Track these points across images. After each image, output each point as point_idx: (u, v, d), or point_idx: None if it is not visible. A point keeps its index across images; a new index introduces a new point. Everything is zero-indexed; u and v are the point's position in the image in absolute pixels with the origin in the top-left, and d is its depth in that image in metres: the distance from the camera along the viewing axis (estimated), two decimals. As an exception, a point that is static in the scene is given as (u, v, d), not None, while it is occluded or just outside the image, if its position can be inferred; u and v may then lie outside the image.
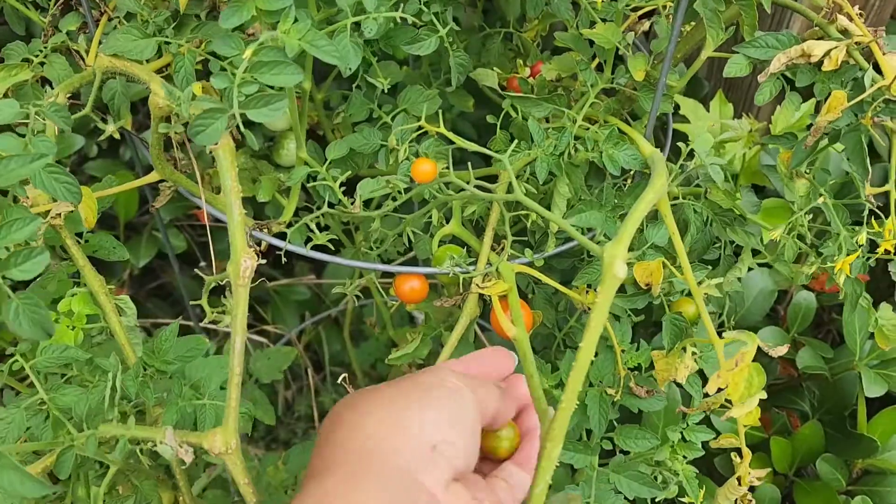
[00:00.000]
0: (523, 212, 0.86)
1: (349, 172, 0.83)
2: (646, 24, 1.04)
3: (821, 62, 0.77)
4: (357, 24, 0.70)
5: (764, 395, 0.68)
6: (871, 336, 1.13)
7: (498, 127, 0.91)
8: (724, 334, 0.73)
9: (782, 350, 0.72)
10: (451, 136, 0.77)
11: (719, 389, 0.69)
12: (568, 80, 0.98)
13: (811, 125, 0.85)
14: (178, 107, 0.66)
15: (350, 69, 0.70)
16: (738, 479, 0.73)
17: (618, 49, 0.84)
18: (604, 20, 0.86)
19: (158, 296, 1.72)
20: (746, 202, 0.99)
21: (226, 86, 0.60)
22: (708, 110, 1.31)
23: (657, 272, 0.78)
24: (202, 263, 1.56)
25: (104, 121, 0.81)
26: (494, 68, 1.01)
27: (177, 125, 0.70)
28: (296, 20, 0.61)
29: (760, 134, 1.26)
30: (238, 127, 0.60)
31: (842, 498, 1.09)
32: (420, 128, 0.81)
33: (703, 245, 0.93)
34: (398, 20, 0.70)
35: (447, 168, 0.78)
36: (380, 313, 1.21)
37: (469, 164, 0.81)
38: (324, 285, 1.71)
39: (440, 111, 0.84)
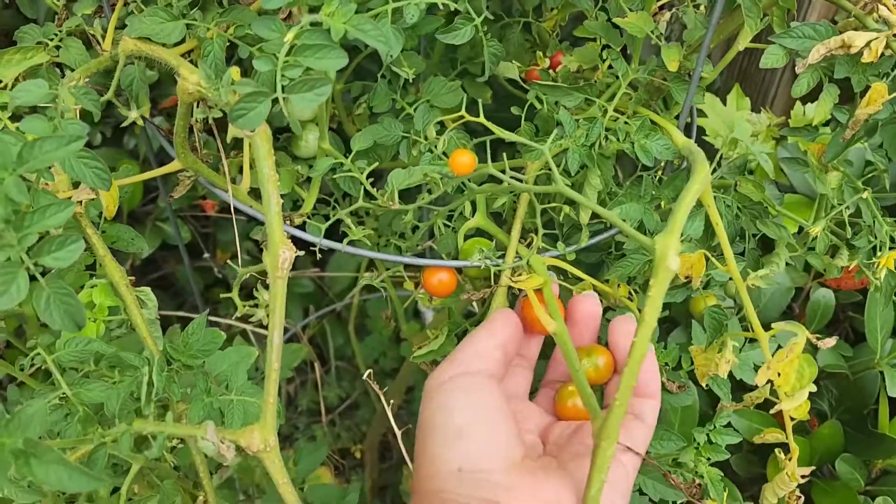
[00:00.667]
0: (553, 204, 0.84)
1: (375, 164, 0.81)
2: (666, 15, 1.03)
3: (860, 54, 0.76)
4: (396, 10, 0.67)
5: (814, 388, 0.67)
6: (894, 334, 1.12)
7: (522, 119, 0.89)
8: (772, 325, 0.71)
9: (831, 342, 0.70)
10: (489, 125, 0.75)
11: (768, 381, 0.67)
12: (589, 71, 0.96)
13: (832, 118, 0.84)
14: (216, 91, 0.63)
15: (391, 56, 0.68)
16: (788, 474, 0.72)
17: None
18: (631, 9, 0.84)
19: (160, 287, 1.69)
20: (769, 194, 0.97)
21: (269, 69, 0.58)
22: (724, 104, 1.30)
23: (698, 265, 0.76)
24: (206, 255, 1.54)
25: (123, 104, 0.78)
26: (514, 61, 0.99)
27: (214, 111, 0.67)
28: (340, 3, 0.58)
29: (779, 128, 1.25)
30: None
31: (861, 498, 1.08)
32: (447, 118, 0.79)
33: (730, 238, 0.92)
34: (439, 5, 0.68)
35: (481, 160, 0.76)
36: (393, 307, 1.19)
37: (483, 146, 0.80)
38: (326, 279, 1.69)
39: (469, 102, 0.82)
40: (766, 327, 1.08)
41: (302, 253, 0.64)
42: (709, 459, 0.91)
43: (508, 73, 0.97)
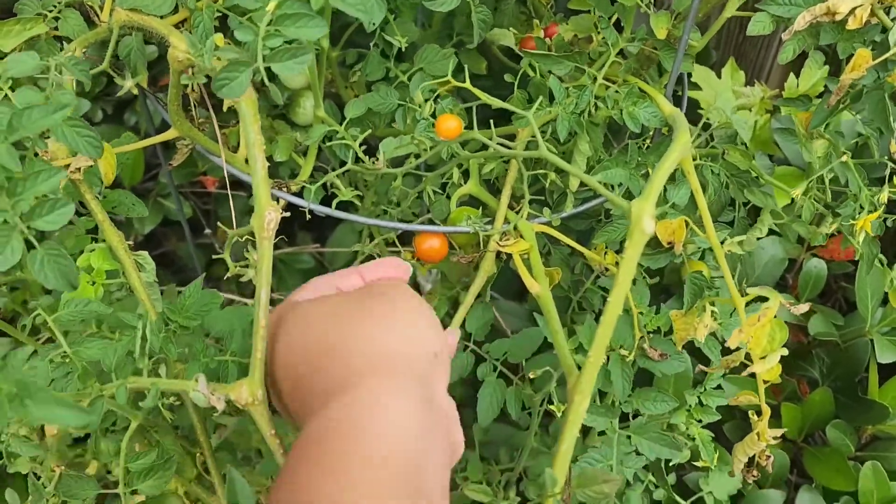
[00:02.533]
0: (541, 171, 0.85)
1: (368, 131, 0.82)
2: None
3: (845, 21, 0.77)
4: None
5: (785, 352, 0.68)
6: (884, 303, 1.13)
7: (515, 86, 0.91)
8: (746, 291, 0.73)
9: (803, 308, 0.72)
10: (476, 92, 0.76)
11: (739, 347, 0.69)
12: (583, 42, 0.97)
13: (825, 90, 0.85)
14: (200, 58, 0.65)
15: (374, 24, 0.70)
16: (758, 434, 0.73)
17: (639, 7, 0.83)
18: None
19: (162, 263, 1.70)
20: (760, 165, 0.98)
21: (249, 39, 0.59)
22: (719, 77, 1.30)
23: (680, 230, 0.77)
24: (207, 231, 1.56)
25: (120, 75, 0.80)
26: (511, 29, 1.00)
27: (199, 76, 0.69)
28: (322, -30, 0.60)
29: (773, 100, 1.26)
30: (262, 81, 0.60)
31: (851, 464, 1.10)
32: (440, 84, 0.81)
33: (719, 207, 0.93)
34: (423, -28, 0.70)
35: (467, 126, 0.78)
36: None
37: (474, 118, 0.81)
38: (326, 254, 1.70)
39: (459, 69, 0.83)
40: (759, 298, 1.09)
41: (288, 214, 0.66)
42: (700, 421, 0.93)
43: (504, 39, 0.98)
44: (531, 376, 0.87)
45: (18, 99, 0.65)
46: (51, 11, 0.83)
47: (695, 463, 0.94)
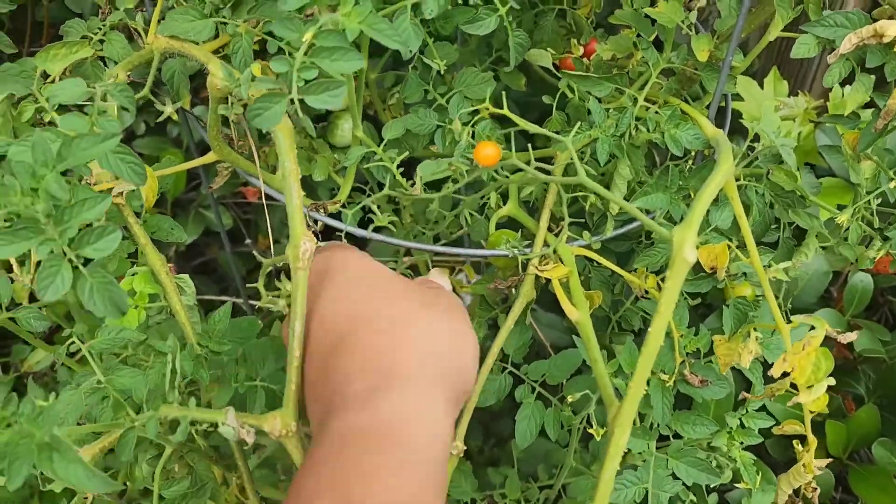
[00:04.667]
0: (581, 193, 0.85)
1: (406, 153, 0.82)
2: (702, 1, 1.02)
3: (893, 43, 0.75)
4: (416, 5, 0.68)
5: (832, 382, 0.67)
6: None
7: (554, 107, 0.90)
8: (791, 318, 0.72)
9: (851, 336, 0.70)
10: (513, 117, 0.75)
11: (784, 374, 0.68)
12: (623, 59, 0.96)
13: (870, 104, 0.83)
14: (237, 88, 0.65)
15: (410, 52, 0.69)
16: (804, 466, 0.72)
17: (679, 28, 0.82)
18: (664, -2, 0.84)
19: (203, 272, 1.73)
20: (806, 183, 0.97)
21: (285, 70, 0.59)
22: (761, 87, 1.28)
23: (723, 256, 0.76)
24: (248, 241, 1.57)
25: (159, 98, 0.81)
26: (548, 48, 0.99)
27: (236, 107, 0.69)
28: (356, 2, 0.59)
29: (817, 111, 1.24)
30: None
31: (897, 483, 1.08)
32: (477, 109, 0.80)
33: (763, 227, 0.91)
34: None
35: (505, 148, 0.77)
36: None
37: (513, 142, 0.80)
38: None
39: (499, 92, 0.83)
40: (804, 312, 1.07)
41: (323, 244, 0.66)
42: (742, 443, 0.91)
43: (541, 60, 0.97)
44: (570, 399, 0.86)
45: (64, 124, 0.66)
46: (95, 34, 0.84)
47: (737, 485, 0.93)
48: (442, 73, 0.85)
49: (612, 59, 0.94)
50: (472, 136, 0.81)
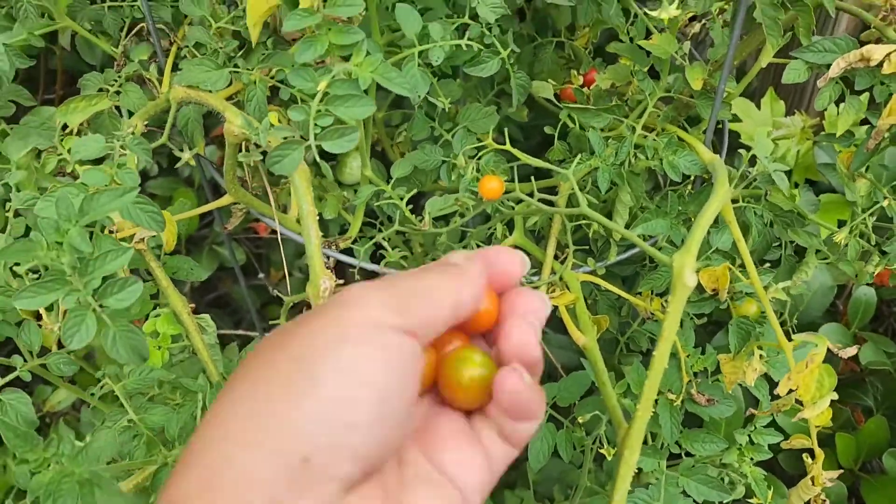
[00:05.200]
0: (585, 221, 0.87)
1: (414, 190, 0.85)
2: (696, 27, 1.05)
3: (880, 65, 0.78)
4: (423, 52, 0.72)
5: (835, 396, 0.69)
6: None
7: (556, 138, 0.93)
8: (792, 336, 0.74)
9: (851, 351, 0.73)
10: (516, 153, 0.78)
11: (790, 391, 0.70)
12: (623, 86, 0.99)
13: (866, 121, 0.86)
14: (255, 136, 0.68)
15: (419, 97, 0.72)
16: (812, 479, 0.74)
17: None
18: (658, 29, 0.87)
19: (218, 306, 1.76)
20: (805, 201, 0.99)
21: (302, 118, 0.62)
22: (758, 107, 1.31)
23: (723, 277, 0.79)
24: (261, 275, 1.60)
25: (173, 142, 0.84)
26: (549, 80, 1.02)
27: (255, 154, 0.72)
28: (367, 53, 0.63)
29: (813, 130, 1.26)
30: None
31: (909, 492, 1.10)
32: (482, 144, 0.83)
33: (764, 246, 0.94)
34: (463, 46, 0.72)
35: (509, 180, 0.80)
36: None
37: (515, 169, 0.82)
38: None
39: (502, 126, 0.86)
40: (809, 326, 1.10)
41: (342, 282, 0.68)
42: (752, 459, 0.93)
43: (543, 92, 1.00)
44: (581, 420, 0.88)
45: (86, 178, 0.69)
46: (112, 86, 0.87)
47: (749, 500, 0.95)
48: (447, 110, 0.88)
49: (612, 86, 0.97)
50: (477, 170, 0.84)
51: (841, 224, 1.19)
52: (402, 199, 0.84)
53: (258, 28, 0.77)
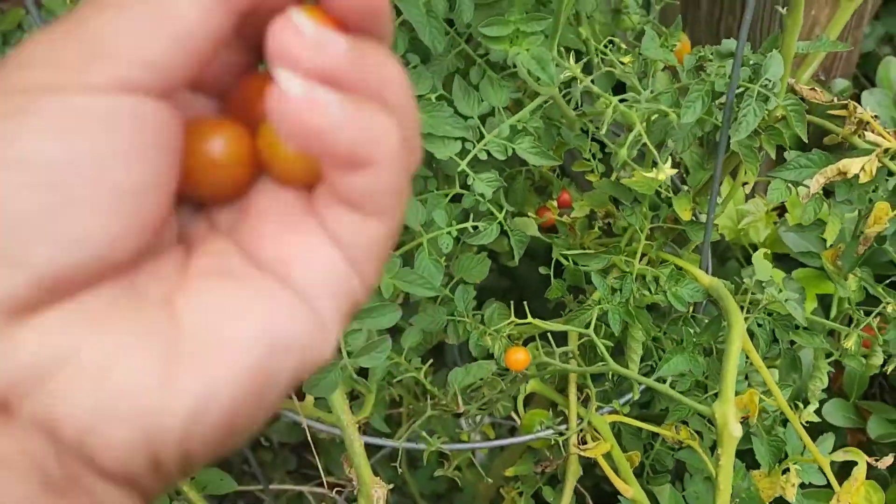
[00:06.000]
0: (602, 365, 0.88)
1: (430, 362, 0.86)
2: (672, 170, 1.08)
3: (857, 176, 0.81)
4: (432, 241, 0.73)
5: (887, 510, 0.71)
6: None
7: (551, 276, 0.94)
8: (829, 454, 0.76)
9: (888, 461, 0.74)
10: (537, 322, 0.80)
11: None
12: (601, 212, 1.01)
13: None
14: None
15: (436, 290, 0.73)
16: None
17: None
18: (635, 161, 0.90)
19: None
20: (791, 290, 1.01)
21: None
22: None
23: (752, 404, 0.80)
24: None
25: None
26: (526, 209, 1.04)
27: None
28: (387, 264, 0.64)
29: (776, 210, 1.31)
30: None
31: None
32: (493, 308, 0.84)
33: (767, 349, 0.96)
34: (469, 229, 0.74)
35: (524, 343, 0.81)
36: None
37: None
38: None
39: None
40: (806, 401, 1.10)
41: (391, 486, 0.68)
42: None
43: (528, 230, 1.02)
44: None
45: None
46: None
47: None
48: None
49: (591, 212, 1.00)
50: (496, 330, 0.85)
51: (821, 297, 1.23)
52: (419, 370, 0.85)
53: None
